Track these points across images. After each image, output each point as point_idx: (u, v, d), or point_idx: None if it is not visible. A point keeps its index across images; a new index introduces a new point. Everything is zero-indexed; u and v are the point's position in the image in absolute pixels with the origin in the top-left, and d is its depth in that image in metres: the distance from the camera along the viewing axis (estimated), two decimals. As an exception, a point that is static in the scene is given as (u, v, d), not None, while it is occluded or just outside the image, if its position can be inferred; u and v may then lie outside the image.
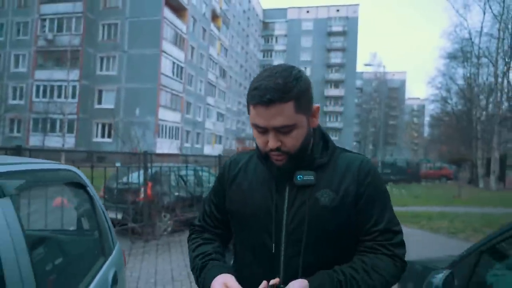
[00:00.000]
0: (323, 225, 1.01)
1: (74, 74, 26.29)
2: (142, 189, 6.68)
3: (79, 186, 1.70)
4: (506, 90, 24.00)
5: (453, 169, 28.78)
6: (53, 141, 23.38)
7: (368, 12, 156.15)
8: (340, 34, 59.39)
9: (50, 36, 28.29)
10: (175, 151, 29.09)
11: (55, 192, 1.47)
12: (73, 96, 27.35)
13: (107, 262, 1.74)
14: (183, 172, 7.56)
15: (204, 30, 37.33)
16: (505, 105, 25.30)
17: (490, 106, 25.05)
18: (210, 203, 1.21)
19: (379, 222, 1.03)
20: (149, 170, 6.69)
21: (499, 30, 21.57)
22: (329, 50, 59.69)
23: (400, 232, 1.06)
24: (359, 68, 65.21)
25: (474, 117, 23.91)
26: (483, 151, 23.47)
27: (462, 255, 1.56)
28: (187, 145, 33.83)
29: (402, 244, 1.05)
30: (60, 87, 27.58)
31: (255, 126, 1.00)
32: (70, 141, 26.05)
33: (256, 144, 1.06)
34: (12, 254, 0.98)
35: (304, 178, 1.03)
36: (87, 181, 1.78)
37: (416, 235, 7.32)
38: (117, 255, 1.93)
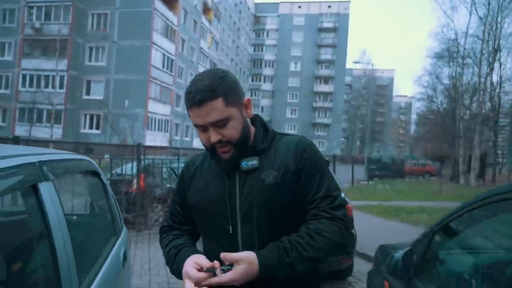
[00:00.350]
0: (271, 202, 1.12)
1: (62, 64, 25.99)
2: (135, 180, 6.89)
3: (94, 174, 1.94)
4: (489, 90, 24.72)
5: (436, 166, 29.55)
6: (40, 132, 23.16)
7: (359, 10, 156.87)
8: (331, 30, 59.72)
9: (37, 25, 27.83)
10: (165, 144, 29.19)
11: (76, 179, 1.71)
12: (61, 87, 27.06)
13: (118, 241, 1.99)
14: (175, 165, 7.78)
15: (195, 23, 37.20)
16: (488, 105, 26.07)
17: (474, 105, 25.74)
18: (174, 203, 1.33)
19: (319, 191, 1.14)
20: (142, 162, 6.90)
21: (483, 32, 22.17)
22: (320, 46, 59.98)
23: (338, 196, 1.17)
24: (349, 64, 65.63)
25: (458, 116, 24.57)
26: (465, 149, 24.19)
27: (421, 236, 1.86)
28: (177, 138, 33.87)
29: (341, 206, 1.16)
30: (47, 76, 27.22)
31: (196, 125, 1.12)
32: (57, 132, 25.79)
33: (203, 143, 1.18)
34: (59, 230, 1.23)
35: (249, 163, 1.15)
36: (99, 170, 2.02)
37: (397, 227, 7.72)
38: (125, 236, 2.19)
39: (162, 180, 7.52)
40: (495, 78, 25.74)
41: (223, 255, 1.04)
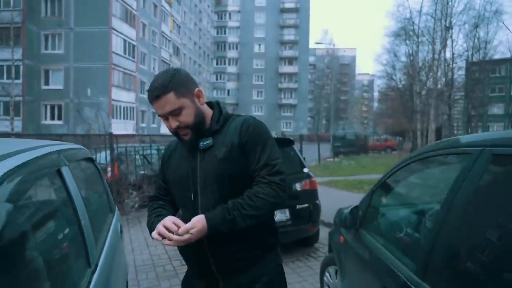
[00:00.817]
0: (222, 173, 1.36)
1: (17, 53, 24.70)
2: (109, 168, 7.06)
3: (91, 160, 2.24)
4: (442, 67, 26.16)
5: (397, 140, 31.10)
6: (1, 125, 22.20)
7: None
8: (293, 10, 59.92)
9: (-14, 12, 26.15)
10: (131, 132, 28.76)
11: (79, 165, 2.00)
12: (17, 77, 25.78)
13: (114, 217, 2.32)
14: (147, 152, 7.99)
15: (155, 6, 36.23)
16: (442, 80, 27.60)
17: (430, 81, 27.16)
18: (158, 179, 1.63)
19: (260, 161, 1.37)
20: (115, 151, 7.06)
21: (435, 10, 23.31)
22: (282, 27, 60.13)
23: (277, 164, 1.38)
24: (312, 44, 66.43)
25: (415, 92, 25.91)
26: (422, 123, 25.67)
27: (365, 195, 2.33)
28: (143, 125, 33.40)
29: (278, 172, 1.37)
30: (1, 67, 25.87)
31: (159, 116, 1.38)
32: (17, 125, 24.77)
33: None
34: (80, 204, 1.55)
35: (205, 143, 1.39)
36: (94, 157, 2.31)
37: (359, 198, 8.37)
38: (117, 214, 2.51)
39: (135, 167, 7.73)
40: (448, 54, 27.25)
41: (180, 231, 1.26)
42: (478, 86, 32.20)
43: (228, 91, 60.65)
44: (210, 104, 1.52)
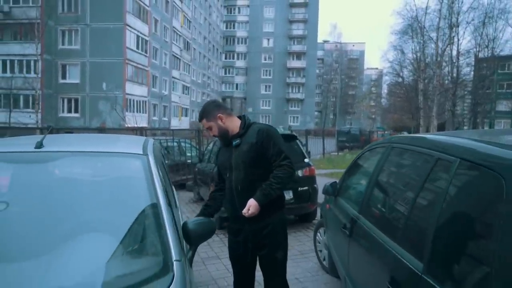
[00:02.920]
0: (247, 159, 2.30)
1: (35, 48, 25.86)
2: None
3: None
4: (447, 64, 26.77)
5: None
6: (20, 118, 23.38)
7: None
8: (302, 5, 60.23)
9: (6, 8, 27.38)
10: (144, 125, 29.92)
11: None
12: (36, 71, 27.04)
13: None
14: (169, 144, 9.03)
15: (167, 2, 37.17)
16: (448, 77, 28.23)
17: (434, 79, 27.79)
18: (216, 167, 2.76)
19: (274, 153, 2.29)
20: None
21: (440, 10, 23.94)
22: (291, 22, 60.57)
23: (283, 151, 2.30)
24: (320, 39, 66.77)
25: (419, 89, 26.60)
26: (425, 119, 26.40)
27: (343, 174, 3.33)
28: (155, 118, 34.54)
29: (285, 157, 2.29)
30: (20, 61, 27.11)
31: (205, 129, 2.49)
32: (33, 117, 26.05)
33: None
34: (160, 183, 2.54)
35: (236, 142, 2.36)
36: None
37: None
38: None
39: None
40: (454, 52, 27.81)
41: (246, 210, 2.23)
42: (485, 83, 32.54)
43: (237, 85, 61.52)
44: (239, 116, 2.51)
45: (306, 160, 5.81)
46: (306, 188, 5.49)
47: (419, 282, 1.44)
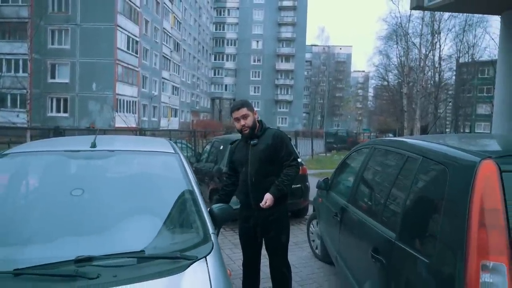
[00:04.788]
0: (262, 157, 2.76)
1: (24, 47, 25.75)
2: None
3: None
4: (430, 69, 27.78)
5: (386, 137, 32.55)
6: (8, 117, 23.30)
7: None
8: (291, 8, 61.08)
9: (-5, 7, 27.23)
10: (133, 125, 30.10)
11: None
12: (24, 70, 26.90)
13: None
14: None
15: (157, 3, 37.38)
16: (431, 82, 29.27)
17: (417, 83, 28.77)
18: (229, 162, 3.19)
19: (285, 154, 2.77)
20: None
21: (422, 18, 24.90)
22: (280, 24, 61.35)
23: (293, 154, 2.81)
24: (309, 41, 67.76)
25: (402, 92, 27.55)
26: (408, 121, 27.35)
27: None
28: (145, 118, 34.69)
29: (294, 159, 2.78)
30: (9, 60, 27.01)
31: (235, 119, 2.83)
32: (22, 116, 25.95)
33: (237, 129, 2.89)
34: (191, 177, 3.03)
35: (253, 142, 2.80)
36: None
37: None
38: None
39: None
40: (437, 57, 28.88)
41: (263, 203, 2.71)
42: (465, 87, 33.81)
43: (226, 86, 61.95)
44: (258, 121, 2.96)
45: (299, 160, 6.34)
46: (299, 185, 6.02)
47: (393, 246, 1.97)
